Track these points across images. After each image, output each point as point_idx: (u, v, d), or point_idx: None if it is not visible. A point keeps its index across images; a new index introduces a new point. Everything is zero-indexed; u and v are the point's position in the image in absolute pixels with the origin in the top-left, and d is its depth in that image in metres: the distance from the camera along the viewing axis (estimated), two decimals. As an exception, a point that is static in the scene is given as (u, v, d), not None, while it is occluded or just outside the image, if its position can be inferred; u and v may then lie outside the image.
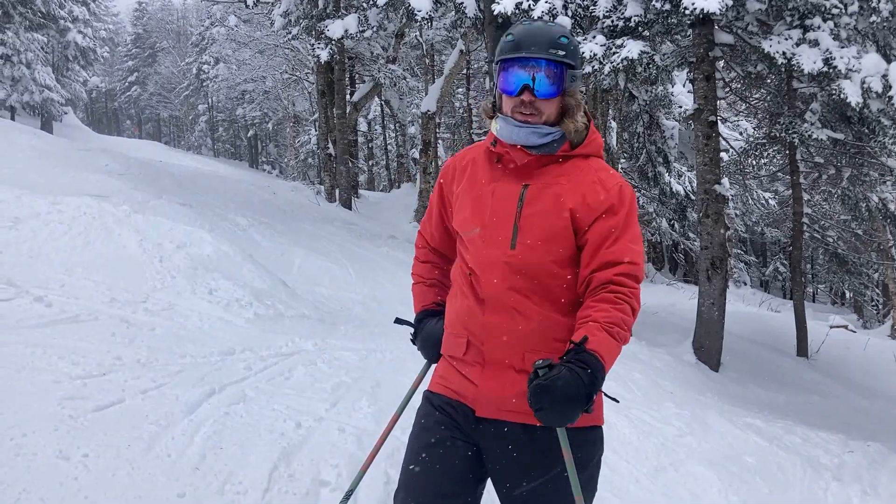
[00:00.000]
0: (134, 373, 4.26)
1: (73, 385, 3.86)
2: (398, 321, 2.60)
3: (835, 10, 8.06)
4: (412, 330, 2.45)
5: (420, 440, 2.13)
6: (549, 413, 1.78)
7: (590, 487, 2.09)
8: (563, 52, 1.99)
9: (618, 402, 2.02)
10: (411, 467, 2.11)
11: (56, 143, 14.44)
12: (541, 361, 1.81)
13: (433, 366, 2.35)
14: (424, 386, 2.38)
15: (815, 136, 9.95)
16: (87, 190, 8.95)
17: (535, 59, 1.98)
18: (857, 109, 8.43)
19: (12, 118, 30.28)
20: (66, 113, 37.00)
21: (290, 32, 16.88)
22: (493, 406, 2.05)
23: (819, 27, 8.10)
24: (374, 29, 14.46)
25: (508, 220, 2.03)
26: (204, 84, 51.22)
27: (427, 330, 2.35)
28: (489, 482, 2.15)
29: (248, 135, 51.44)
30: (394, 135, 32.12)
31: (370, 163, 35.40)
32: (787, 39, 8.24)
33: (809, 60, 8.03)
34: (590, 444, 2.07)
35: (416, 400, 2.51)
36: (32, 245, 6.22)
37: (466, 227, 2.13)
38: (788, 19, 8.41)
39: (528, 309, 2.02)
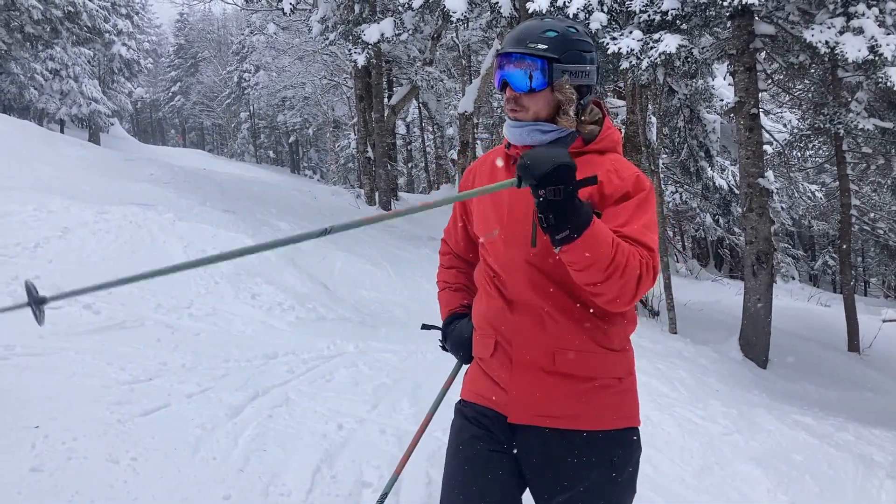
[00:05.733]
0: (179, 377, 4.35)
1: (120, 390, 3.96)
2: (425, 327, 2.56)
3: (880, -4, 7.88)
4: (441, 335, 2.40)
5: (457, 458, 2.09)
6: (527, 161, 1.65)
7: (630, 489, 2.05)
8: (545, 46, 1.94)
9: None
10: (452, 485, 2.07)
11: (103, 153, 14.78)
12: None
13: (465, 367, 2.32)
14: (456, 387, 2.34)
15: (861, 125, 9.71)
16: (132, 199, 9.14)
17: (514, 55, 1.96)
18: (906, 97, 8.22)
19: (61, 130, 31.16)
20: (112, 124, 37.98)
21: (328, 38, 17.00)
22: (525, 411, 2.00)
23: (863, 14, 7.89)
24: (410, 32, 14.50)
25: (527, 219, 1.98)
26: (245, 92, 52.01)
27: (457, 331, 2.30)
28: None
29: (290, 141, 52.00)
30: (432, 137, 32.14)
31: (409, 165, 35.52)
32: (829, 28, 8.05)
33: (854, 49, 7.84)
34: (627, 445, 2.02)
35: (448, 400, 2.51)
36: (81, 254, 6.39)
37: (486, 230, 2.10)
38: (831, 7, 8.22)
39: (556, 308, 1.96)
